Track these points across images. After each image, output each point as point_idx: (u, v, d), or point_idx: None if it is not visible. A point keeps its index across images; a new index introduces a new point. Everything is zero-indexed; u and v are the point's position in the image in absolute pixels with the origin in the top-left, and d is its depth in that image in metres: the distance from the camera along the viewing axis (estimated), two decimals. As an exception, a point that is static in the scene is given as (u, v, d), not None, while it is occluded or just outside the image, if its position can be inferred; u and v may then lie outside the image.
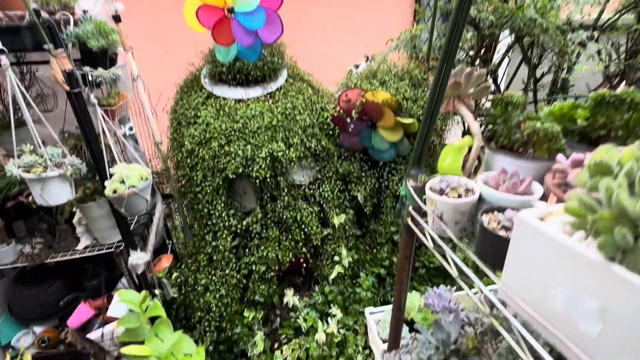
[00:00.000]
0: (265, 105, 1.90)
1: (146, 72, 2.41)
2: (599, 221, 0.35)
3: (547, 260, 0.40)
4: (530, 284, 0.43)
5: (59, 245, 1.89)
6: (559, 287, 0.38)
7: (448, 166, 0.72)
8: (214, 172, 1.85)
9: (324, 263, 2.23)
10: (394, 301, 0.87)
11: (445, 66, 0.59)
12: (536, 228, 0.41)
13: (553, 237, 0.39)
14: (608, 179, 0.36)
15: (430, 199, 0.64)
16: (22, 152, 1.49)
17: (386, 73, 1.99)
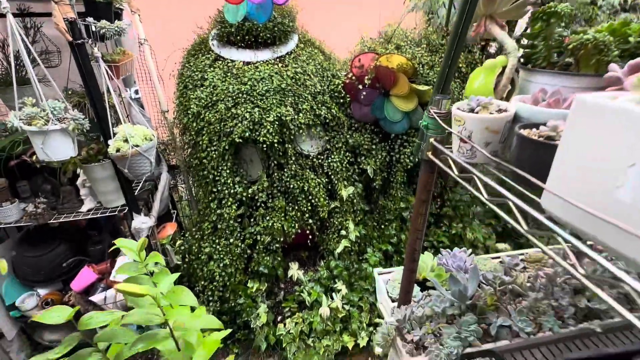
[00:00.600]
0: (275, 68, 1.82)
1: (153, 36, 2.35)
2: None
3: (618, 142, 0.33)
4: (589, 177, 0.36)
5: (63, 207, 1.87)
6: (631, 171, 0.32)
7: (478, 88, 0.64)
8: (220, 136, 1.79)
9: (330, 237, 2.18)
10: (407, 251, 0.81)
11: None
12: (605, 106, 0.34)
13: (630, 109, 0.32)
14: None
15: (458, 118, 0.57)
16: (23, 105, 1.44)
17: (402, 38, 1.89)
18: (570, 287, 0.81)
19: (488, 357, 0.74)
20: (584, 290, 0.81)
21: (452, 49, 0.59)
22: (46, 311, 0.86)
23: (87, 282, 1.95)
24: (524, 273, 0.88)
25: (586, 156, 0.36)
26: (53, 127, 1.43)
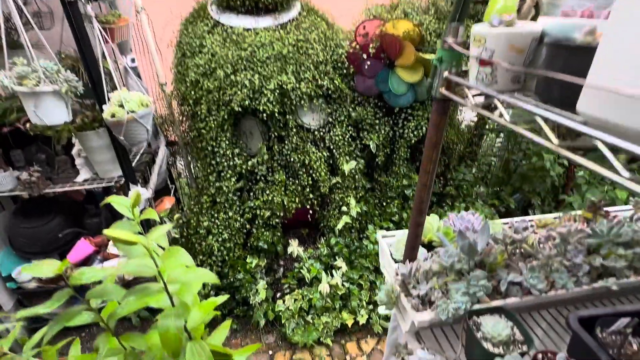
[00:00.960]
0: (276, 34, 1.76)
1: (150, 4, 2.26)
2: None
3: None
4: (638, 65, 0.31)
5: (58, 177, 1.83)
6: None
7: (500, 10, 0.58)
8: (219, 105, 1.74)
9: (331, 213, 2.14)
10: (415, 201, 0.76)
11: None
12: None
13: None
14: None
15: (478, 37, 0.52)
16: (14, 64, 1.39)
17: (408, 4, 1.82)
18: (584, 246, 0.77)
19: (498, 314, 0.70)
20: (598, 248, 0.77)
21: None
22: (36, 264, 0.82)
23: (83, 254, 1.92)
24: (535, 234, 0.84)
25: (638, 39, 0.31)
26: (45, 89, 1.38)
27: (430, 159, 0.69)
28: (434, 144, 0.67)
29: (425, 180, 0.72)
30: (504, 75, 0.52)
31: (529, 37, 0.49)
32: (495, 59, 0.51)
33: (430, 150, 0.68)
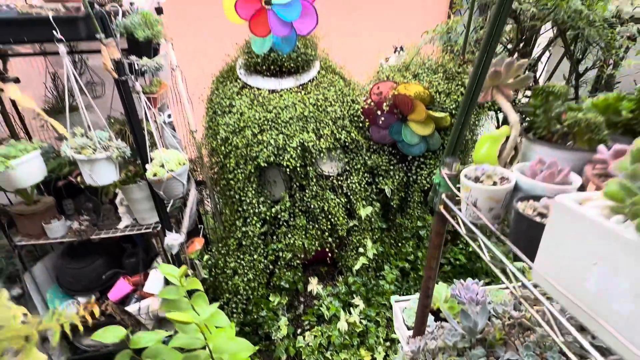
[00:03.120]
0: (298, 96, 1.94)
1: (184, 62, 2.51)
2: (637, 203, 0.36)
3: (584, 242, 0.41)
4: (565, 265, 0.44)
5: (103, 224, 2.03)
6: (594, 268, 0.39)
7: (484, 155, 0.72)
8: (247, 160, 1.92)
9: (348, 254, 2.27)
10: (422, 287, 0.89)
11: (486, 56, 0.59)
12: (574, 211, 0.42)
13: (591, 219, 0.40)
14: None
15: (465, 185, 0.65)
16: (74, 135, 1.61)
17: (419, 66, 1.97)
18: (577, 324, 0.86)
19: (496, 389, 0.81)
20: (589, 327, 0.86)
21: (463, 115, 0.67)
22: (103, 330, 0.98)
23: (122, 293, 2.11)
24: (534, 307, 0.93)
25: (563, 247, 0.44)
26: (100, 156, 1.59)
27: (433, 257, 0.81)
28: (437, 245, 0.80)
29: (430, 274, 0.84)
30: (487, 215, 0.65)
31: (503, 192, 0.63)
32: (478, 204, 0.64)
33: (433, 250, 0.80)
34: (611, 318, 0.37)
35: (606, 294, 0.38)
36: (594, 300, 0.39)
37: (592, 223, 0.40)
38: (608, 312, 0.37)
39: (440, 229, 0.78)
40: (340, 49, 2.31)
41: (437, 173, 0.75)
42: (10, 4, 1.48)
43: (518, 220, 0.57)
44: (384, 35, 3.64)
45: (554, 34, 2.10)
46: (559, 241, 0.45)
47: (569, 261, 0.43)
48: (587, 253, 0.41)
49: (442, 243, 0.80)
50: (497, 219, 0.65)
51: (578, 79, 2.19)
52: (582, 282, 0.41)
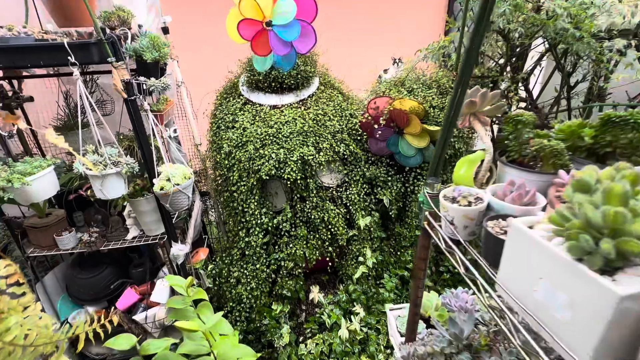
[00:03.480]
0: (298, 111, 2.02)
1: (189, 77, 2.61)
2: (570, 228, 0.42)
3: (532, 260, 0.48)
4: (520, 278, 0.50)
5: (112, 235, 2.11)
6: (541, 282, 0.46)
7: (462, 176, 0.79)
8: (249, 173, 2.00)
9: (348, 263, 2.33)
10: (411, 297, 0.95)
11: (461, 88, 0.66)
12: (525, 233, 0.49)
13: (537, 240, 0.47)
14: (579, 195, 0.43)
15: (443, 205, 0.72)
16: (86, 152, 1.70)
17: (414, 81, 2.05)
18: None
19: (481, 392, 0.86)
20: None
21: (442, 141, 0.75)
22: (115, 338, 1.05)
23: (130, 302, 2.18)
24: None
25: (518, 263, 0.51)
26: (110, 172, 1.68)
27: (420, 268, 0.88)
28: (423, 258, 0.86)
29: (418, 284, 0.91)
30: (462, 231, 0.72)
31: (476, 211, 0.70)
32: (455, 222, 0.71)
33: (420, 261, 0.87)
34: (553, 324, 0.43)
35: (549, 304, 0.44)
36: (541, 309, 0.46)
37: (538, 244, 0.47)
38: (551, 320, 0.44)
39: (425, 243, 0.85)
40: (340, 62, 2.41)
41: (421, 192, 0.82)
42: (28, 31, 1.58)
43: (487, 237, 0.63)
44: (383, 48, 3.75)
45: (544, 49, 2.17)
46: (514, 258, 0.52)
47: (522, 275, 0.50)
48: (535, 269, 0.47)
49: (427, 255, 0.86)
50: (473, 235, 0.71)
51: (570, 91, 2.26)
52: (532, 293, 0.48)
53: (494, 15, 1.64)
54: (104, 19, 1.84)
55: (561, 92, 2.27)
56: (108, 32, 1.64)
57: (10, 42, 1.48)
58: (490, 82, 2.03)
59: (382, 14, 3.90)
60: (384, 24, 3.92)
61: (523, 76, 2.22)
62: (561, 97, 2.29)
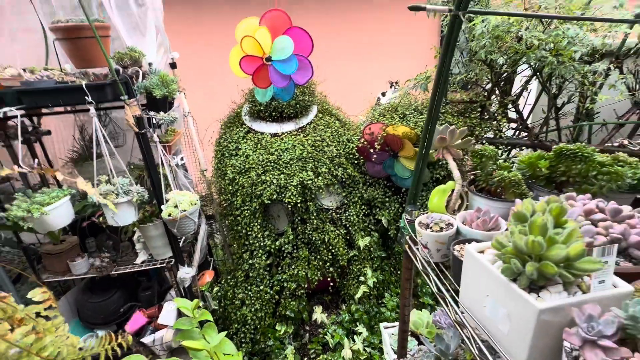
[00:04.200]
0: (297, 138, 2.14)
1: (195, 107, 2.77)
2: (505, 254, 0.51)
3: (481, 279, 0.56)
4: (474, 296, 0.58)
5: (122, 260, 2.21)
6: (488, 299, 0.54)
7: (435, 204, 0.87)
8: (252, 197, 2.10)
9: (350, 282, 2.38)
10: (400, 316, 1.02)
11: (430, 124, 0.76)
12: (474, 256, 0.57)
13: (483, 263, 0.55)
14: (516, 224, 0.51)
15: (418, 231, 0.81)
16: (100, 182, 1.82)
17: (406, 107, 2.17)
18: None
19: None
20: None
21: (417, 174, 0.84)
22: (126, 358, 1.13)
23: (138, 325, 2.24)
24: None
25: (472, 282, 0.59)
26: (122, 200, 1.79)
27: (406, 288, 0.95)
28: (407, 278, 0.94)
29: (404, 302, 0.98)
30: (436, 254, 0.80)
31: (446, 237, 0.78)
32: (429, 245, 0.80)
33: (405, 282, 0.95)
34: (498, 335, 0.51)
35: (494, 317, 0.52)
36: (489, 323, 0.53)
37: (484, 266, 0.55)
38: (496, 331, 0.51)
39: (408, 265, 0.92)
40: (340, 86, 2.55)
41: (402, 218, 0.90)
42: (49, 74, 1.74)
43: (454, 260, 0.71)
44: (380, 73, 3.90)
45: (530, 73, 2.29)
46: (469, 278, 0.60)
47: (476, 293, 0.58)
48: (484, 287, 0.55)
49: (412, 276, 0.94)
50: (445, 258, 0.79)
51: (557, 112, 2.36)
52: (482, 308, 0.56)
53: (476, 47, 1.77)
54: (118, 59, 2.00)
55: (549, 113, 2.37)
56: (121, 73, 1.80)
57: (33, 85, 1.63)
58: (478, 107, 2.14)
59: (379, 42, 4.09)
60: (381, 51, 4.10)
61: (511, 99, 2.33)
62: (550, 118, 2.39)
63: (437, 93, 0.73)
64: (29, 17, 2.21)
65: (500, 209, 0.82)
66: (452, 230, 0.78)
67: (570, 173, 0.80)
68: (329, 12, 3.87)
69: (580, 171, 0.78)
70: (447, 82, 0.67)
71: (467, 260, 0.60)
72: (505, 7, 1.83)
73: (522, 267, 0.49)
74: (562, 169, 0.81)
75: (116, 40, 2.33)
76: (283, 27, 2.02)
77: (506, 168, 0.87)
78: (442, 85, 0.73)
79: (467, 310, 0.59)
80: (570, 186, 0.82)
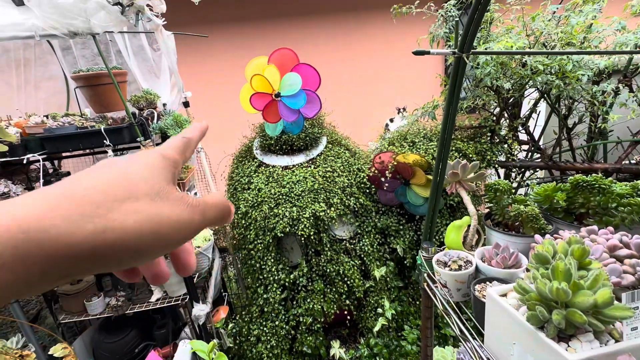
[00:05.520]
0: (308, 170, 2.16)
1: (207, 142, 2.84)
2: (529, 300, 0.49)
3: (506, 325, 0.53)
4: (499, 340, 0.56)
5: (137, 298, 2.21)
6: (514, 346, 0.51)
7: (451, 241, 0.86)
8: (265, 231, 2.10)
9: (367, 315, 2.31)
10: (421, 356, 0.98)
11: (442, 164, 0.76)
12: (497, 301, 0.55)
13: (507, 308, 0.53)
14: (535, 271, 0.50)
15: (436, 270, 0.79)
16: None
17: (416, 135, 2.18)
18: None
19: None
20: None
21: (431, 209, 0.83)
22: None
23: (153, 365, 2.20)
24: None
25: (496, 327, 0.57)
26: (137, 239, 1.81)
27: (426, 327, 0.92)
28: (427, 317, 0.91)
29: (426, 342, 0.94)
30: (456, 293, 0.78)
31: (466, 275, 0.76)
32: (448, 285, 0.78)
33: (425, 320, 0.92)
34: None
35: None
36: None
37: (508, 312, 0.53)
38: (525, 381, 0.49)
39: (427, 303, 0.90)
40: (348, 114, 2.59)
41: (419, 255, 0.89)
42: (71, 120, 1.82)
43: (475, 301, 0.69)
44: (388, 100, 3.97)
45: (537, 95, 2.29)
46: (493, 323, 0.57)
47: (500, 338, 0.56)
48: (509, 333, 0.53)
49: (432, 315, 0.91)
50: (467, 297, 0.77)
51: (569, 132, 2.33)
52: (509, 355, 0.53)
53: (481, 75, 1.79)
54: (134, 101, 2.10)
55: (561, 134, 2.34)
56: (137, 115, 1.88)
57: (55, 132, 1.71)
58: (488, 131, 2.14)
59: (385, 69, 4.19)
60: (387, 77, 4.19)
61: (521, 122, 2.32)
62: (562, 139, 2.36)
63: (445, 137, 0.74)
64: (52, 66, 2.36)
65: (519, 244, 0.80)
66: (471, 269, 0.75)
67: (589, 205, 0.77)
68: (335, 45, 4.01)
69: (599, 203, 0.75)
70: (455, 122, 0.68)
71: (490, 304, 0.58)
72: (506, 35, 1.87)
73: (548, 314, 0.47)
74: (581, 201, 0.79)
75: (132, 83, 2.45)
76: (291, 64, 2.10)
77: (522, 202, 0.85)
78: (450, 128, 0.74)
79: (492, 357, 0.56)
80: (590, 217, 0.79)
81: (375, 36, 4.02)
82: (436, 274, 0.79)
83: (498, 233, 0.83)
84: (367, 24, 3.94)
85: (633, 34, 1.86)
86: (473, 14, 0.67)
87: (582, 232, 0.66)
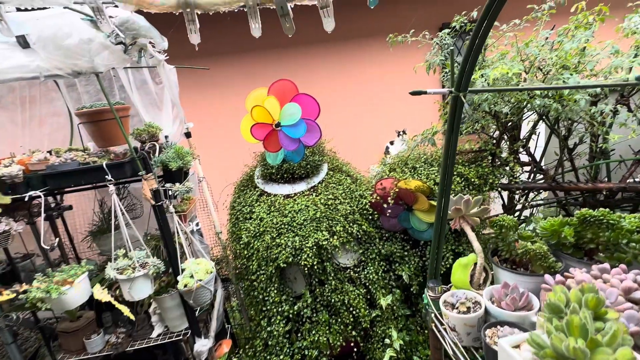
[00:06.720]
0: (310, 198, 2.15)
1: (209, 170, 2.85)
2: (544, 357, 0.46)
3: None
4: None
5: (137, 334, 2.15)
6: None
7: (458, 280, 0.83)
8: (268, 261, 2.07)
9: (375, 346, 2.24)
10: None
11: (444, 198, 0.75)
12: (510, 354, 0.53)
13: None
14: (548, 324, 0.48)
15: (444, 313, 0.76)
16: (117, 256, 1.83)
17: (416, 160, 2.18)
18: None
19: None
20: None
21: (435, 247, 0.81)
22: None
23: (154, 405, 2.12)
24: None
25: None
26: (138, 274, 1.79)
27: None
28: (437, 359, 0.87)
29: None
30: (466, 338, 0.75)
31: (475, 319, 0.74)
32: (457, 329, 0.75)
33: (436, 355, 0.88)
34: None
35: None
36: None
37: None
38: None
39: (436, 344, 0.86)
40: (347, 138, 2.59)
41: (424, 294, 0.86)
42: (73, 156, 1.84)
43: (486, 347, 0.66)
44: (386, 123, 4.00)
45: (536, 118, 2.30)
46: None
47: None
48: None
49: (441, 356, 0.87)
50: (477, 341, 0.74)
51: (570, 153, 2.33)
52: None
53: (479, 100, 1.81)
54: (136, 135, 2.12)
55: (562, 155, 2.34)
56: (139, 149, 1.89)
57: (57, 169, 1.72)
58: (488, 155, 2.14)
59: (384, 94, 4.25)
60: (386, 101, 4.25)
61: (521, 144, 2.32)
62: (564, 159, 2.35)
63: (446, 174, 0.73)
64: (57, 102, 2.41)
65: (529, 283, 0.77)
66: (480, 311, 0.73)
67: (599, 240, 0.75)
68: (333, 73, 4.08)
69: (609, 238, 0.73)
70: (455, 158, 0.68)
71: (503, 355, 0.55)
72: (500, 61, 1.90)
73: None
74: (589, 236, 0.77)
75: (135, 116, 2.48)
76: (290, 95, 2.13)
77: (529, 238, 0.83)
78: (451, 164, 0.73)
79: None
80: (600, 253, 0.77)
81: (372, 63, 4.10)
82: (444, 316, 0.77)
83: (506, 271, 0.80)
84: (364, 52, 4.03)
85: (627, 56, 1.88)
86: (468, 55, 0.68)
87: (593, 271, 0.64)
